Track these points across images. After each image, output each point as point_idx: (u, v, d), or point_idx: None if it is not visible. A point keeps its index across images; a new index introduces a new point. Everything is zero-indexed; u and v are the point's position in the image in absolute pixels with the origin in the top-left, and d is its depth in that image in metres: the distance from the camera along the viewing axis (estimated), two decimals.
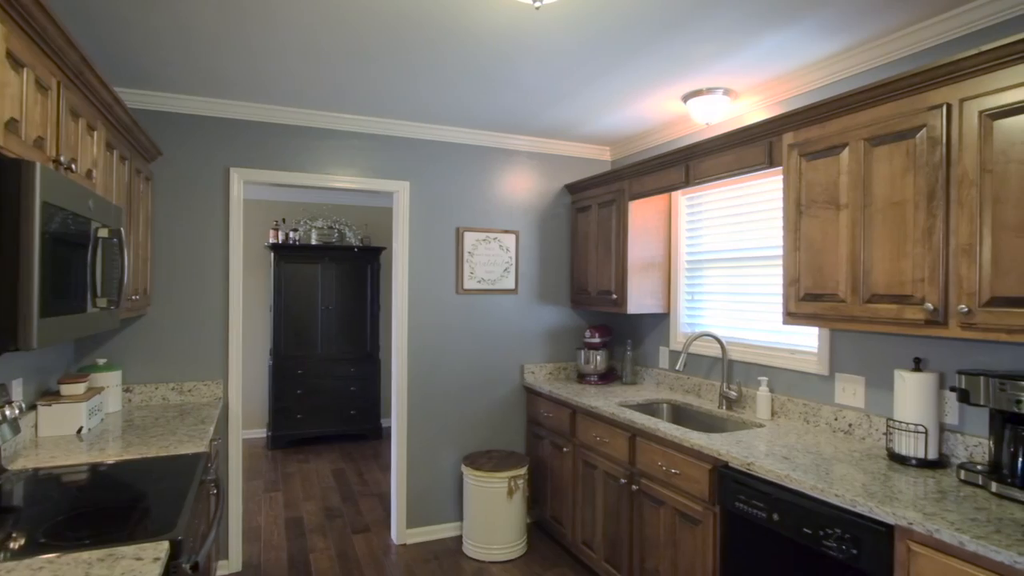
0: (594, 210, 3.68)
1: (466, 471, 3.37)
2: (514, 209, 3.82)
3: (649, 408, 3.20)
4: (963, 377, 1.84)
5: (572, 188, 3.91)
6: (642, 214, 3.41)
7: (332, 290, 5.73)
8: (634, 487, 2.69)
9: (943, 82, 1.80)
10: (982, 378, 1.79)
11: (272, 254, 5.55)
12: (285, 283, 5.57)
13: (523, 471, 3.35)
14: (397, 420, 3.50)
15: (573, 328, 4.01)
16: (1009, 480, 1.70)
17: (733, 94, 2.87)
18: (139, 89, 2.90)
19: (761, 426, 2.62)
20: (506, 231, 3.78)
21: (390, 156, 3.49)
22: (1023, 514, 1.57)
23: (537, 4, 1.63)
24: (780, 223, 2.79)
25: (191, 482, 1.83)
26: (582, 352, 3.72)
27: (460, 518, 3.63)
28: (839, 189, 2.14)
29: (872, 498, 1.69)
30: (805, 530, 1.85)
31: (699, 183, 2.88)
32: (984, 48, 1.67)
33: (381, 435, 5.91)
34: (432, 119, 3.41)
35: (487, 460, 3.42)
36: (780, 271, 2.79)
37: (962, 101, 1.76)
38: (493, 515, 3.28)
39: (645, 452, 2.63)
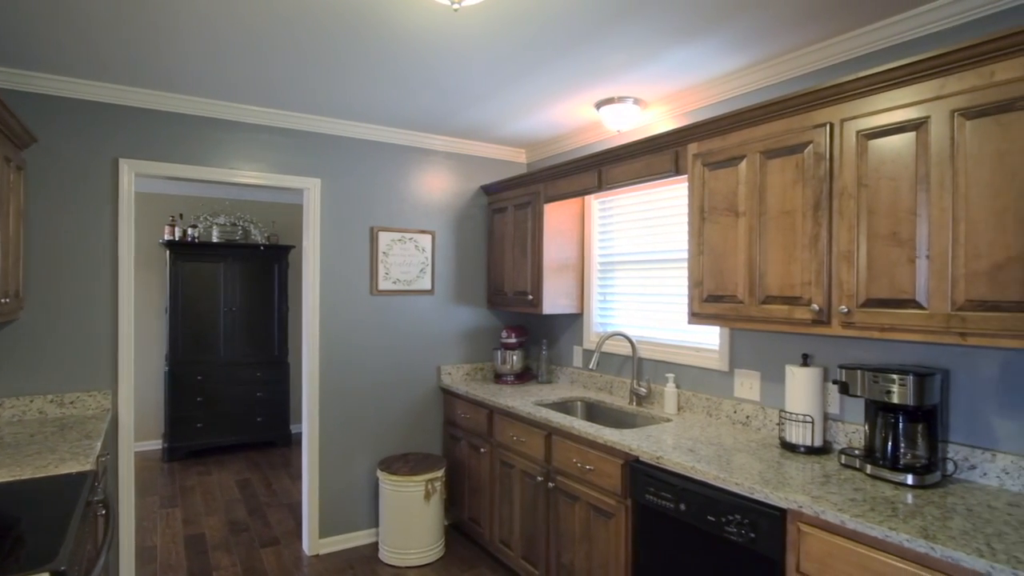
0: (510, 212, 3.72)
1: (382, 476, 3.30)
2: (430, 209, 3.78)
3: (564, 406, 3.28)
4: (843, 371, 2.04)
5: (488, 189, 3.93)
6: (557, 216, 3.49)
7: (236, 291, 5.41)
8: (550, 484, 2.75)
9: (827, 103, 1.98)
10: (859, 372, 1.98)
11: (168, 252, 5.16)
12: (183, 283, 5.20)
13: (440, 473, 3.33)
14: (308, 426, 3.37)
15: (489, 328, 4.03)
16: (881, 462, 1.90)
17: (643, 103, 3.00)
18: (11, 68, 2.60)
19: (669, 420, 2.76)
20: (422, 231, 3.74)
21: (301, 152, 3.35)
22: (892, 493, 1.76)
23: (455, 6, 1.62)
24: (686, 228, 2.95)
25: (75, 505, 1.66)
26: (499, 352, 3.75)
27: (376, 524, 3.56)
28: (738, 198, 2.29)
29: (767, 485, 1.83)
30: (709, 518, 1.97)
31: (611, 188, 2.98)
32: (861, 74, 1.85)
33: (291, 442, 5.66)
34: (347, 115, 3.31)
35: (403, 464, 3.37)
36: (686, 273, 2.95)
37: (843, 121, 1.94)
38: (410, 519, 3.23)
39: (561, 450, 2.69)
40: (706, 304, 2.42)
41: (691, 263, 2.49)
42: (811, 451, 2.19)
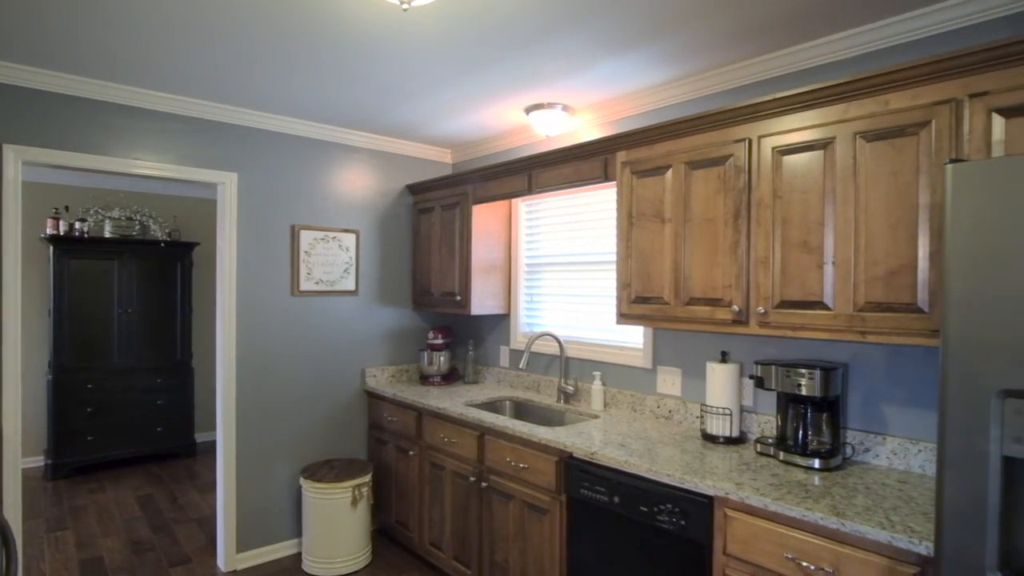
0: (437, 212, 3.70)
1: (305, 483, 3.18)
2: (355, 208, 3.68)
3: (493, 406, 3.32)
4: (759, 367, 2.21)
5: (414, 189, 3.88)
6: (484, 218, 3.52)
7: (133, 291, 4.98)
8: (483, 484, 2.77)
9: (746, 120, 2.15)
10: (773, 367, 2.16)
11: (51, 248, 4.66)
12: (70, 283, 4.72)
13: (367, 478, 3.26)
14: (224, 434, 3.18)
15: (415, 329, 3.99)
16: (792, 449, 2.09)
17: (571, 110, 3.09)
18: None
19: (596, 417, 2.87)
20: (346, 230, 3.63)
21: (217, 144, 3.15)
22: (803, 476, 1.95)
23: (405, 6, 1.61)
24: (613, 231, 3.07)
25: None
26: (425, 353, 3.73)
27: (299, 534, 3.42)
28: (664, 205, 2.42)
29: (695, 474, 1.96)
30: (642, 508, 2.08)
31: (540, 191, 3.05)
32: (775, 96, 2.02)
33: (195, 452, 5.29)
34: (269, 107, 3.15)
35: (328, 470, 3.27)
36: (613, 275, 3.08)
37: (760, 137, 2.11)
38: (336, 527, 3.14)
39: (494, 449, 2.73)
40: (634, 305, 2.55)
41: (619, 266, 2.61)
42: (730, 441, 2.36)
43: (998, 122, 1.59)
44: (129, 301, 4.96)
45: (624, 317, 2.59)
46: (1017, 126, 1.56)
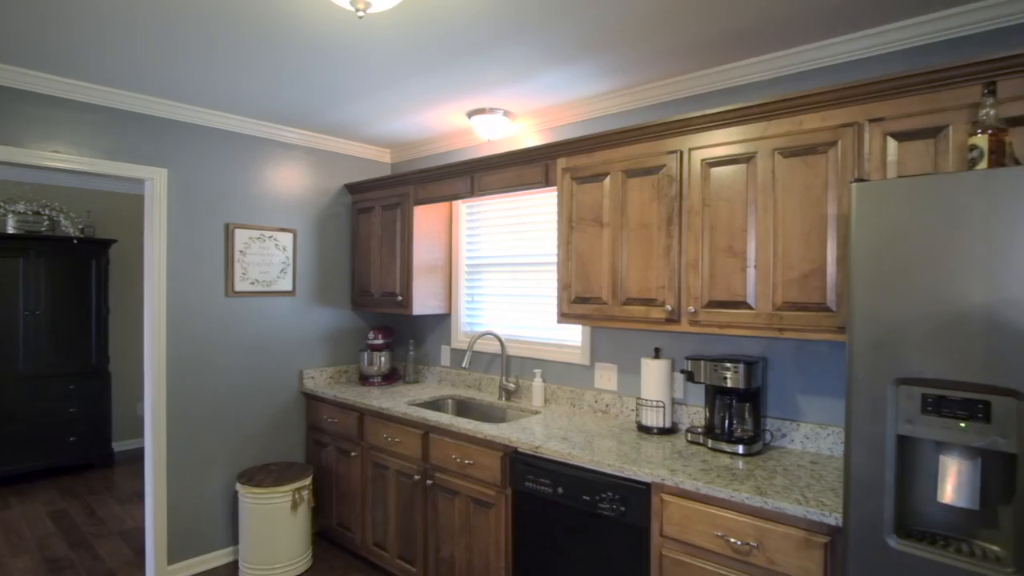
0: (377, 212, 3.70)
1: (242, 489, 3.10)
2: (292, 206, 3.61)
3: (435, 405, 3.36)
4: (689, 362, 2.39)
5: (353, 188, 3.85)
6: (426, 218, 3.55)
7: (41, 291, 4.63)
8: (428, 482, 2.82)
9: (678, 133, 2.31)
10: (702, 362, 2.34)
11: None
12: None
13: (308, 481, 3.23)
14: (153, 442, 3.05)
15: (354, 330, 3.96)
16: (720, 437, 2.28)
17: (512, 115, 3.18)
18: None
19: (537, 413, 2.98)
20: (283, 229, 3.56)
21: (145, 138, 3.01)
22: (729, 461, 2.13)
23: (360, 13, 1.63)
24: (553, 233, 3.19)
25: None
26: (365, 354, 3.72)
27: (235, 541, 3.33)
28: (603, 210, 2.56)
29: (633, 463, 2.11)
30: (584, 497, 2.20)
31: (483, 194, 3.12)
32: (704, 112, 2.19)
33: (113, 462, 4.99)
34: (203, 102, 3.04)
35: (266, 475, 3.20)
36: (553, 276, 3.20)
37: (690, 150, 2.28)
38: (275, 532, 3.09)
39: (439, 447, 2.78)
40: (574, 305, 2.67)
41: (560, 268, 2.72)
42: (663, 432, 2.54)
43: (892, 144, 1.82)
44: (36, 302, 4.61)
45: (565, 316, 2.71)
46: (907, 149, 1.79)
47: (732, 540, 1.82)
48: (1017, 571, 1.21)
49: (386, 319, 4.14)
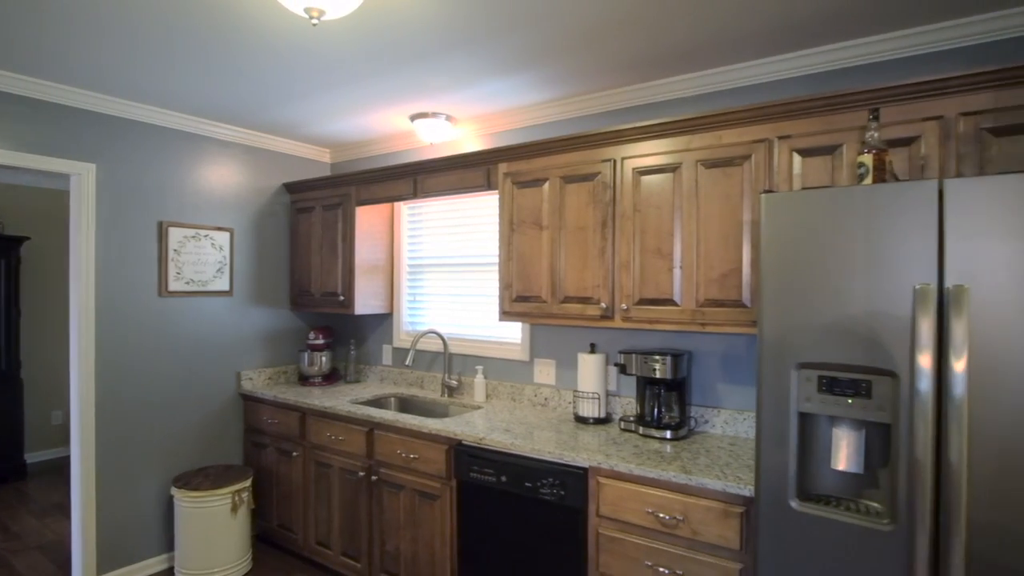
0: (318, 212, 3.70)
1: (179, 494, 3.04)
2: (228, 205, 3.56)
3: (378, 403, 3.41)
4: (622, 355, 2.58)
5: (292, 188, 3.83)
6: (367, 219, 3.59)
7: None
8: (373, 478, 2.87)
9: (611, 143, 2.49)
10: (634, 355, 2.53)
11: None
12: None
13: (248, 483, 3.19)
14: (80, 450, 2.93)
15: (293, 330, 3.93)
16: (650, 424, 2.47)
17: (454, 120, 3.28)
18: None
19: (480, 408, 3.10)
20: (219, 228, 3.50)
21: (70, 131, 2.89)
22: (658, 445, 2.32)
23: (314, 21, 1.69)
24: (494, 234, 3.32)
25: None
26: (305, 354, 3.71)
27: (170, 548, 3.24)
28: (542, 213, 2.71)
29: (572, 450, 2.26)
30: (527, 484, 2.33)
31: (426, 196, 3.21)
32: (635, 125, 2.38)
33: (27, 474, 4.69)
34: (134, 95, 2.95)
35: (203, 478, 3.15)
36: (494, 275, 3.32)
37: (623, 159, 2.46)
38: (214, 536, 3.04)
39: (384, 443, 2.84)
40: (515, 304, 2.80)
41: (501, 268, 2.85)
42: (598, 421, 2.71)
43: (797, 159, 2.06)
44: None
45: (506, 314, 2.84)
46: (810, 164, 2.03)
47: (661, 515, 2.00)
48: (892, 521, 1.44)
49: (326, 319, 4.13)
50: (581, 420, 2.74)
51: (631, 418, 2.59)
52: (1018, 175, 1.32)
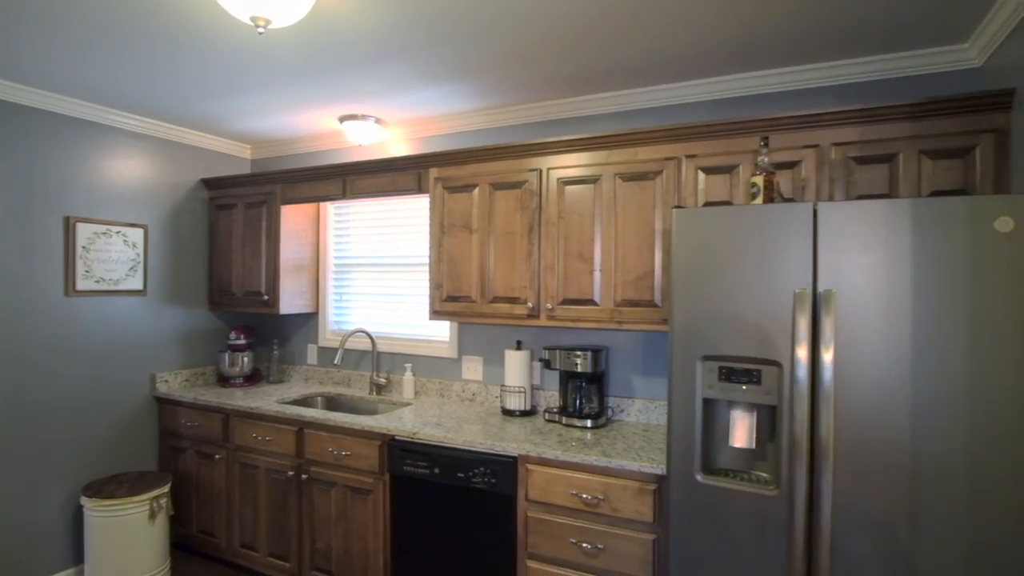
0: (240, 209, 3.63)
1: (90, 504, 2.90)
2: (142, 200, 3.41)
3: (305, 402, 3.41)
4: (547, 351, 2.77)
5: (212, 184, 3.73)
6: (292, 218, 3.57)
7: None
8: (303, 476, 2.89)
9: (538, 154, 2.67)
10: (557, 351, 2.73)
11: None
12: None
13: (166, 489, 3.10)
14: None
15: (212, 330, 3.83)
16: (572, 414, 2.68)
17: (383, 123, 3.34)
18: None
19: (409, 404, 3.19)
20: (133, 224, 3.35)
21: None
22: (580, 434, 2.53)
23: (260, 30, 1.73)
24: (422, 235, 3.41)
25: None
26: (226, 355, 3.63)
27: (79, 561, 3.08)
28: (472, 218, 2.85)
29: (502, 441, 2.42)
30: (459, 474, 2.47)
31: (356, 198, 3.25)
32: (560, 139, 2.57)
33: None
34: (36, 82, 2.78)
35: (117, 486, 3.02)
36: (421, 276, 3.42)
37: (548, 169, 2.65)
38: (129, 546, 2.93)
39: (315, 441, 2.87)
40: (445, 303, 2.93)
41: (432, 269, 2.96)
42: (524, 414, 2.89)
43: (701, 176, 2.33)
44: None
45: (436, 314, 2.96)
46: (712, 180, 2.31)
47: (584, 496, 2.21)
48: (777, 487, 1.71)
49: (247, 319, 4.04)
50: (508, 413, 2.91)
51: (554, 410, 2.79)
52: (871, 201, 1.62)
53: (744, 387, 1.76)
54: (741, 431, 1.78)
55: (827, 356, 1.63)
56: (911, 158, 2.04)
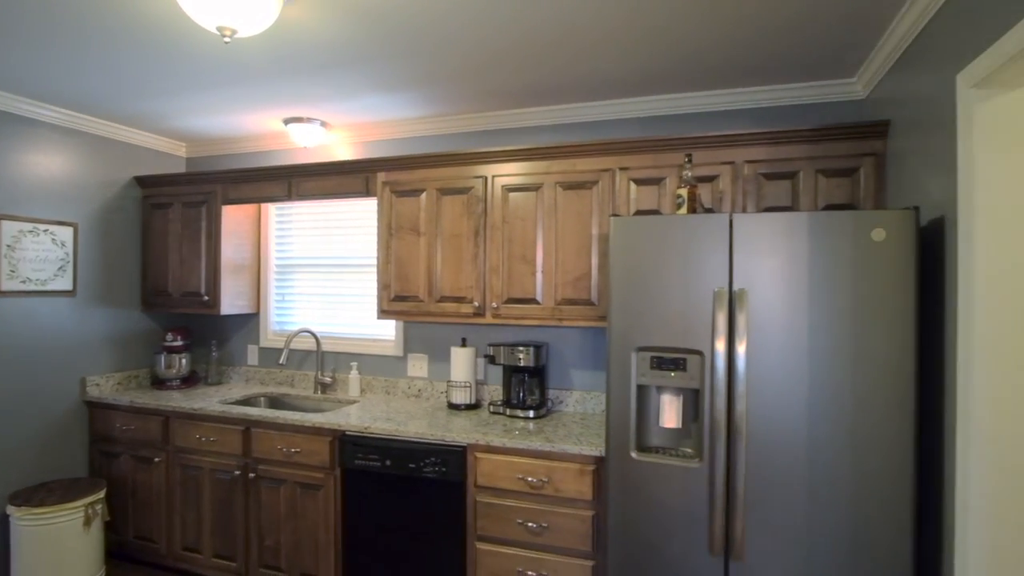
0: (178, 209, 3.57)
1: (17, 513, 2.80)
2: (71, 198, 3.30)
3: (248, 403, 3.40)
4: (491, 348, 2.94)
5: (146, 182, 3.64)
6: (233, 218, 3.55)
7: None
8: (251, 475, 2.92)
9: (484, 162, 2.84)
10: (502, 347, 2.91)
11: None
12: None
13: (102, 494, 3.03)
14: None
15: (145, 332, 3.73)
16: (515, 406, 2.86)
17: (329, 126, 3.40)
18: None
19: (356, 402, 3.27)
20: (61, 223, 3.24)
21: None
22: (524, 424, 2.72)
23: (226, 39, 1.80)
24: (366, 236, 3.50)
25: None
26: (162, 356, 3.56)
27: (5, 574, 2.95)
28: (420, 221, 2.98)
29: (451, 432, 2.57)
30: (410, 465, 2.60)
31: (302, 199, 3.29)
32: (504, 148, 2.76)
33: None
34: None
35: (47, 493, 2.93)
36: (366, 276, 3.51)
37: (493, 176, 2.83)
38: (62, 556, 2.85)
39: (263, 440, 2.90)
40: (393, 303, 3.04)
41: (380, 269, 3.06)
42: (470, 407, 3.05)
43: (633, 187, 2.58)
44: None
45: (384, 313, 3.06)
46: (643, 191, 2.56)
47: (530, 479, 2.40)
48: (700, 460, 1.96)
49: (183, 320, 3.96)
50: (454, 407, 3.06)
51: (499, 402, 2.96)
52: (776, 213, 1.90)
53: (672, 374, 2.00)
54: (670, 413, 2.02)
55: (740, 347, 1.90)
56: (809, 175, 2.37)
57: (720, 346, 1.92)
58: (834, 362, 1.84)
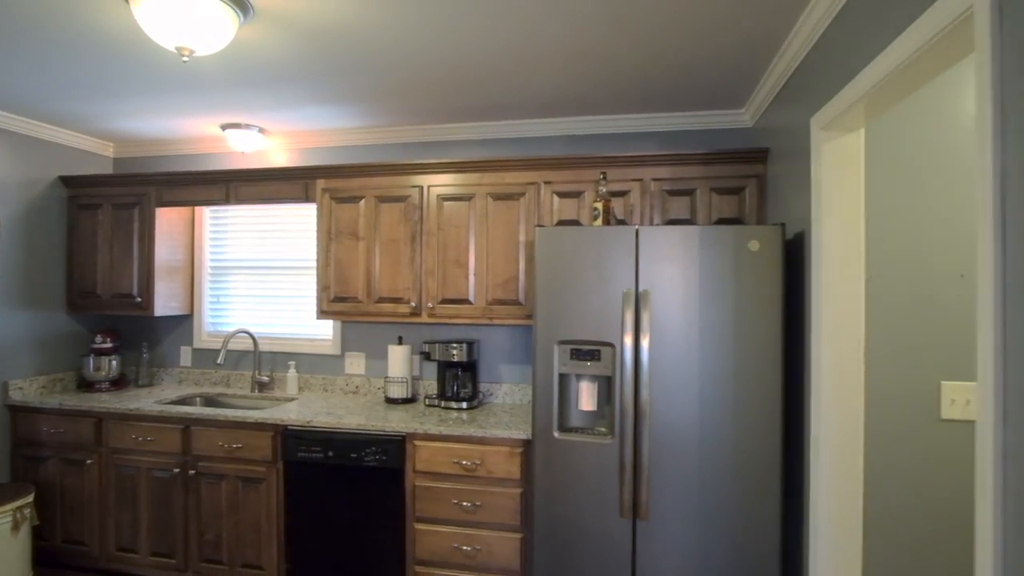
0: (107, 210, 3.55)
1: None
2: None
3: (183, 403, 3.44)
4: (427, 345, 3.16)
5: (72, 182, 3.59)
6: (166, 219, 3.58)
7: None
8: (191, 472, 2.99)
9: (420, 173, 3.06)
10: (437, 344, 3.14)
11: None
12: None
13: (30, 499, 3.00)
14: None
15: (71, 334, 3.67)
16: (450, 399, 3.10)
17: (267, 132, 3.50)
18: None
19: (294, 399, 3.40)
20: None
21: None
22: (458, 414, 2.97)
23: (184, 58, 1.93)
24: (304, 239, 3.62)
25: None
26: (90, 359, 3.53)
27: None
28: (359, 226, 3.15)
29: (390, 423, 2.78)
30: (352, 455, 2.78)
31: (240, 204, 3.38)
32: (439, 161, 2.99)
33: None
34: None
35: None
36: (304, 278, 3.63)
37: (429, 186, 3.05)
38: None
39: (203, 438, 2.98)
40: (333, 304, 3.20)
41: (320, 272, 3.21)
42: (406, 401, 3.25)
43: (556, 199, 2.88)
44: None
45: (324, 313, 3.22)
46: (564, 203, 2.87)
47: (464, 463, 2.64)
48: (612, 437, 2.29)
49: (111, 321, 3.92)
50: (391, 401, 3.25)
51: (434, 396, 3.19)
52: (674, 227, 2.25)
53: (588, 364, 2.31)
54: (587, 397, 2.33)
55: (644, 341, 2.23)
56: (705, 193, 2.76)
57: (628, 340, 2.25)
58: (719, 352, 2.21)
